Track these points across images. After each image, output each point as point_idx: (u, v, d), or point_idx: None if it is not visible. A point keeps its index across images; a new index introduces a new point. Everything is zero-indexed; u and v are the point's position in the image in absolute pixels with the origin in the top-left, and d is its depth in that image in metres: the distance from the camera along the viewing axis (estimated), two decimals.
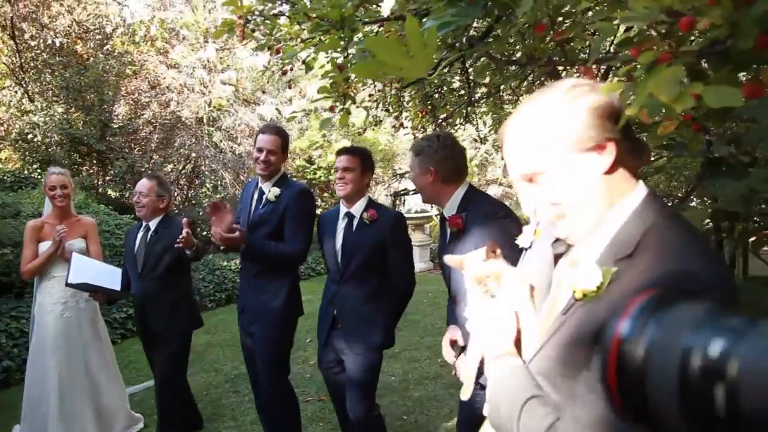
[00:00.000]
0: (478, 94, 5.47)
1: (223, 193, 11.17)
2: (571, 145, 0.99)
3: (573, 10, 1.52)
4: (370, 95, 4.64)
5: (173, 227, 3.50)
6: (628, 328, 0.63)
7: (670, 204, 1.66)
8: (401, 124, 6.08)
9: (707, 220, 2.10)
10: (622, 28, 0.99)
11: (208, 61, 11.64)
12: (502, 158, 1.15)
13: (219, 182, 11.54)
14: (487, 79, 5.21)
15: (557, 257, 1.14)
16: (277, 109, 12.38)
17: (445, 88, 5.24)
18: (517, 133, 1.06)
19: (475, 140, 9.14)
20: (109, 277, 3.55)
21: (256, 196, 3.23)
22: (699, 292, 0.83)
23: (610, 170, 0.99)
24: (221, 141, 11.51)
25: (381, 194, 17.23)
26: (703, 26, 0.91)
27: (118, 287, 3.53)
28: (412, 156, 2.40)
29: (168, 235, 3.46)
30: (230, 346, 6.05)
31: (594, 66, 1.34)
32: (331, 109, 2.03)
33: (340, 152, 3.02)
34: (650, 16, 0.94)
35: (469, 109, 5.24)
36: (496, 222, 2.19)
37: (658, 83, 0.84)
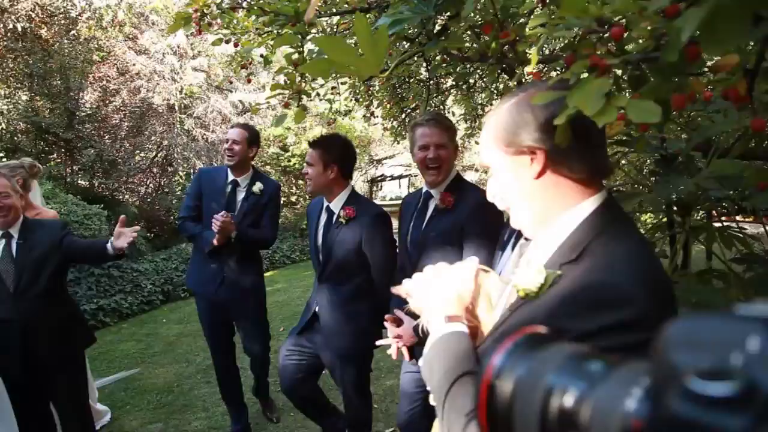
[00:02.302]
0: (447, 84, 5.48)
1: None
2: (506, 147, 1.07)
3: (519, 12, 1.53)
4: (333, 88, 4.62)
5: (45, 230, 2.92)
6: (501, 361, 0.64)
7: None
8: (372, 114, 6.07)
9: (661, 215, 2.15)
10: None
11: (178, 47, 11.40)
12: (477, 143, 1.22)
13: (192, 170, 11.39)
14: (449, 80, 5.24)
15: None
16: (252, 94, 12.20)
17: (411, 79, 5.23)
18: (483, 128, 1.15)
19: None
20: None
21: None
22: (613, 305, 0.88)
23: (542, 176, 1.04)
24: (193, 128, 11.33)
25: (358, 180, 17.18)
26: (636, 35, 0.92)
27: None
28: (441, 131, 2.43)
29: (41, 240, 2.85)
30: (202, 336, 5.98)
31: (540, 66, 1.35)
32: (286, 105, 2.01)
33: (310, 143, 2.89)
34: (582, 25, 0.95)
35: (436, 99, 5.25)
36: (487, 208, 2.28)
37: (584, 96, 0.85)
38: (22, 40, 10.00)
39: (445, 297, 1.16)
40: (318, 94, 1.89)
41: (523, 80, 2.16)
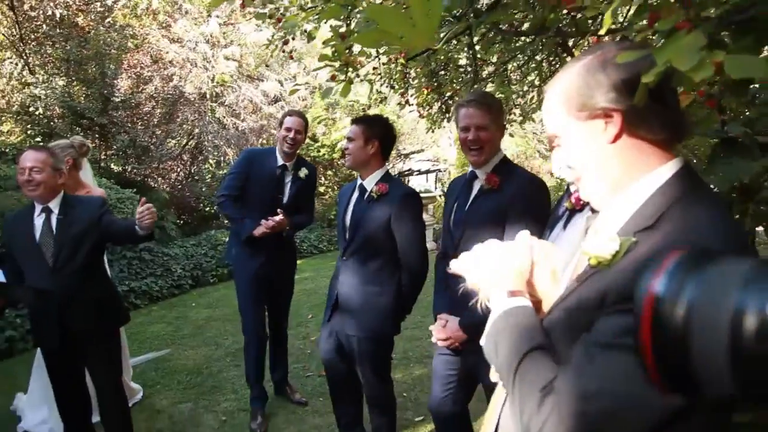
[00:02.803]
0: (485, 73, 5.38)
1: (227, 169, 11.10)
2: (578, 112, 1.02)
3: None
4: (374, 68, 4.57)
5: (84, 206, 2.97)
6: (665, 285, 0.59)
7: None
8: (407, 101, 6.01)
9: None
10: None
11: (211, 35, 11.47)
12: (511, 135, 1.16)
13: (222, 158, 11.48)
14: (495, 58, 5.15)
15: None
16: (279, 81, 12.25)
17: (451, 65, 5.15)
18: (546, 96, 1.10)
19: None
20: None
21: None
22: None
23: (618, 140, 0.99)
24: (224, 117, 11.41)
25: None
26: None
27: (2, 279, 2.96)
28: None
29: (80, 216, 2.91)
30: (231, 321, 6.07)
31: (607, 37, 1.29)
32: (333, 78, 1.98)
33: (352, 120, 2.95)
34: None
35: (475, 87, 5.16)
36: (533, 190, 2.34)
37: (677, 50, 0.79)
38: (59, 27, 10.19)
39: (504, 272, 1.11)
40: (356, 71, 1.86)
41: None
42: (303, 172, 3.75)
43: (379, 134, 2.84)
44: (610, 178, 1.02)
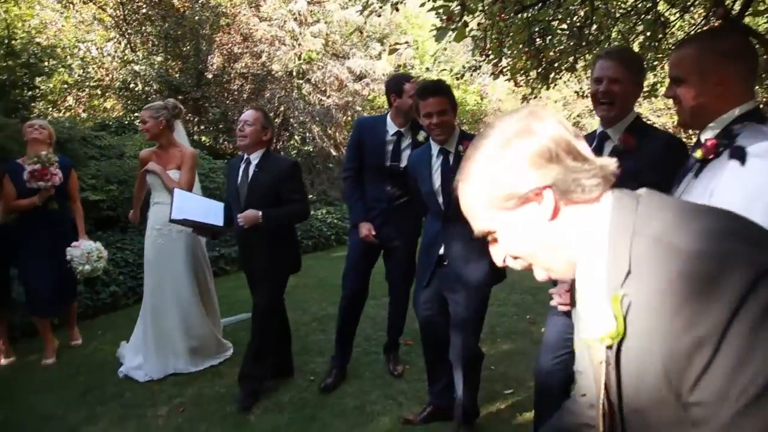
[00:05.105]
0: (593, 35, 5.04)
1: (311, 145, 11.26)
2: (507, 203, 0.95)
3: None
4: (479, 24, 4.37)
5: (277, 162, 3.44)
6: None
7: None
8: (500, 71, 5.77)
9: None
10: None
11: (298, 13, 11.61)
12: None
13: (307, 134, 11.63)
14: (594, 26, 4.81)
15: None
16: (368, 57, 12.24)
17: (551, 34, 4.85)
18: (463, 197, 1.01)
19: (576, 93, 8.58)
20: (212, 212, 3.54)
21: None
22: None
23: (558, 215, 0.94)
24: (310, 93, 11.55)
25: None
26: None
27: (221, 222, 3.51)
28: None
29: (271, 169, 3.35)
30: (318, 289, 6.12)
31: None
32: (448, 19, 1.83)
33: (423, 94, 2.75)
34: None
35: (576, 56, 4.83)
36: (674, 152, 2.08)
37: None
38: (157, 7, 10.66)
39: None
40: (473, 13, 1.70)
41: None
42: (422, 136, 3.53)
43: (454, 101, 2.82)
44: (564, 254, 0.97)
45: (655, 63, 5.91)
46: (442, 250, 2.88)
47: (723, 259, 0.76)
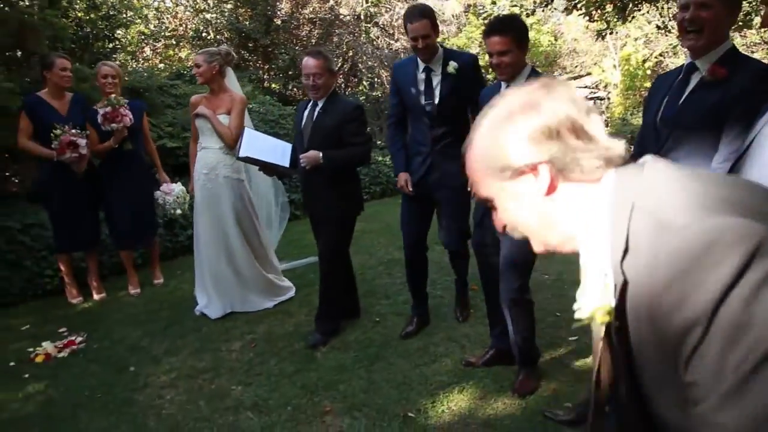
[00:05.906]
0: None
1: (380, 91, 11.14)
2: (503, 174, 0.97)
3: None
4: None
5: (342, 104, 3.44)
6: None
7: None
8: (574, 5, 5.43)
9: None
10: None
11: None
12: None
13: (375, 80, 11.51)
14: None
15: None
16: None
17: None
18: (468, 162, 1.04)
19: (658, 27, 7.94)
20: (279, 152, 3.58)
21: None
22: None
23: (554, 192, 0.95)
24: (378, 38, 11.35)
25: None
26: None
27: (287, 163, 3.55)
28: None
29: (335, 111, 3.36)
30: (384, 234, 6.17)
31: None
32: None
33: (490, 32, 2.64)
34: None
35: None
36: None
37: None
38: None
39: None
40: None
41: None
42: (452, 66, 3.30)
43: (525, 37, 2.73)
44: (559, 230, 0.99)
45: None
46: None
47: (714, 235, 0.74)
